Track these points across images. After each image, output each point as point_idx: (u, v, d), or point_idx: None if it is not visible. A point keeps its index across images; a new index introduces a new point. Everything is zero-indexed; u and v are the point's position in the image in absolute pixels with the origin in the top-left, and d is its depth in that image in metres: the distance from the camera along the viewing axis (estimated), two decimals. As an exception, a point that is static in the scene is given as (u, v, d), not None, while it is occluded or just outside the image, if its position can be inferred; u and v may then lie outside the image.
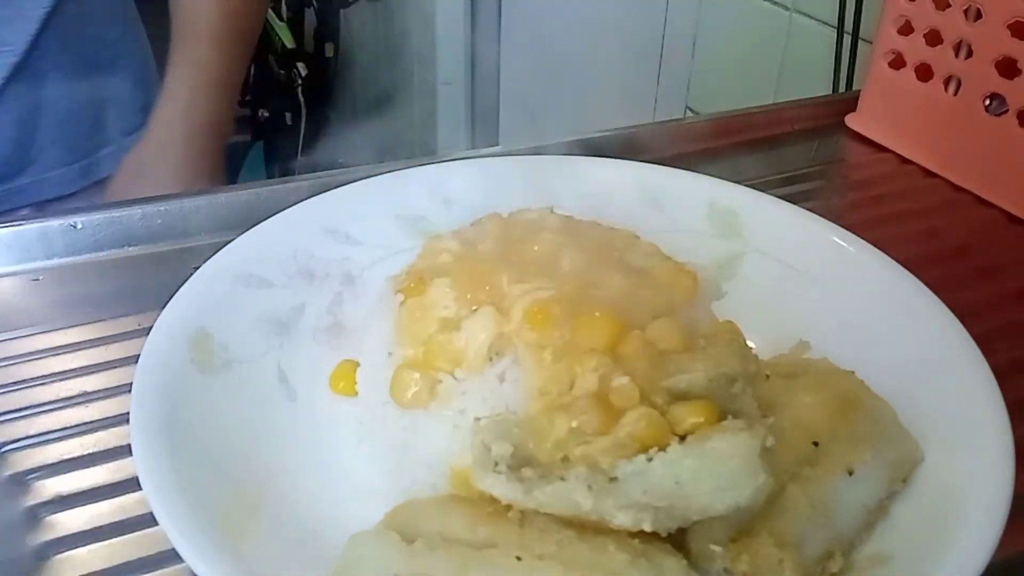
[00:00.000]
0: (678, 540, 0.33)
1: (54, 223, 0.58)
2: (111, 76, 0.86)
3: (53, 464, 0.43)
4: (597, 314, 0.37)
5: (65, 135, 0.82)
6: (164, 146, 0.82)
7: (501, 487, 0.32)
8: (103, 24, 0.85)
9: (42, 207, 0.82)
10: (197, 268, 0.44)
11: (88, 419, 0.45)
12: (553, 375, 0.36)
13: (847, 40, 0.90)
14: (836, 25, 0.91)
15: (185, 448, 0.36)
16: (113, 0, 0.87)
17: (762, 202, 0.51)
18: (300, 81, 1.97)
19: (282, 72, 2.02)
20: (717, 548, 0.33)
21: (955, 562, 0.31)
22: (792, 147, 0.74)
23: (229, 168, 0.92)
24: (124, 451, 0.42)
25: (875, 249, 0.47)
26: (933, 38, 0.69)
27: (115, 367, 0.49)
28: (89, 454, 0.43)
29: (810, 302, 0.47)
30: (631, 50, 1.35)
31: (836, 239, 0.48)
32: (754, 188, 0.52)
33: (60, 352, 0.50)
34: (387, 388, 0.39)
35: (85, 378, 0.48)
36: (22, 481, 0.42)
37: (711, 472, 0.31)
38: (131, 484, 0.41)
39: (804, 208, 0.50)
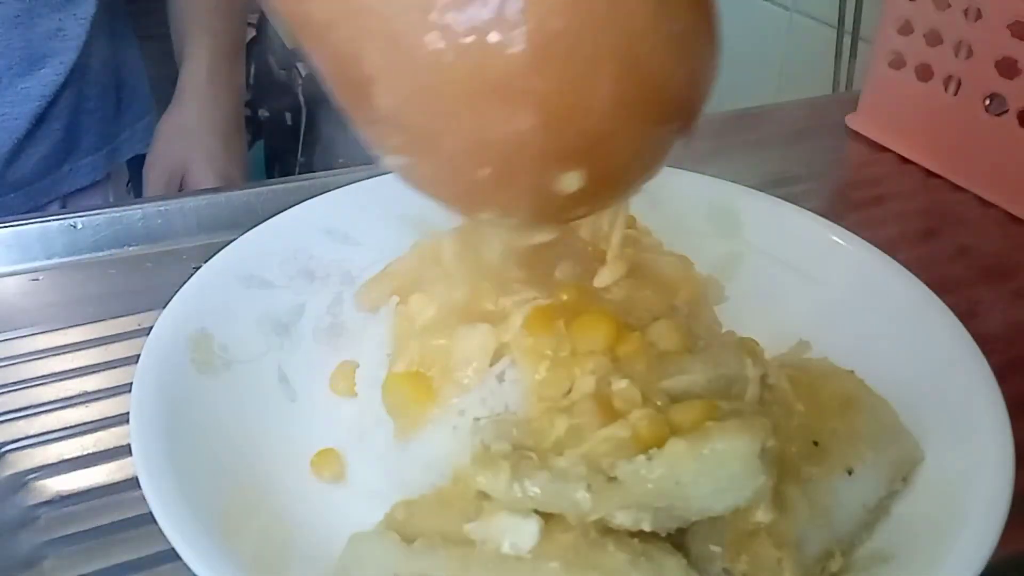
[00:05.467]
0: (678, 540, 0.33)
1: (54, 223, 0.58)
2: (126, 65, 0.90)
3: (53, 464, 0.43)
4: (596, 316, 0.37)
5: (97, 123, 0.87)
6: (199, 105, 0.89)
7: (500, 487, 0.32)
8: (121, 20, 0.90)
9: (72, 198, 0.86)
10: (197, 268, 0.44)
11: (88, 419, 0.45)
12: (552, 378, 0.36)
13: (847, 40, 0.90)
14: (836, 25, 0.91)
15: (185, 448, 0.36)
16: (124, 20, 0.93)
17: (762, 202, 0.51)
18: (300, 81, 1.97)
19: (282, 72, 2.02)
20: (717, 548, 0.33)
21: (955, 562, 0.31)
22: (792, 147, 0.74)
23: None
24: (124, 451, 0.42)
25: (875, 249, 0.47)
26: (933, 38, 0.68)
27: (115, 367, 0.49)
28: (89, 454, 0.44)
29: (810, 302, 0.47)
30: (631, 50, 1.35)
31: (836, 239, 0.48)
32: (754, 188, 0.52)
33: (60, 352, 0.50)
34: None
35: (85, 378, 0.48)
36: (22, 481, 0.42)
37: (711, 473, 0.31)
38: (131, 484, 0.41)
39: (804, 208, 0.50)
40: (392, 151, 0.28)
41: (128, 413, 0.36)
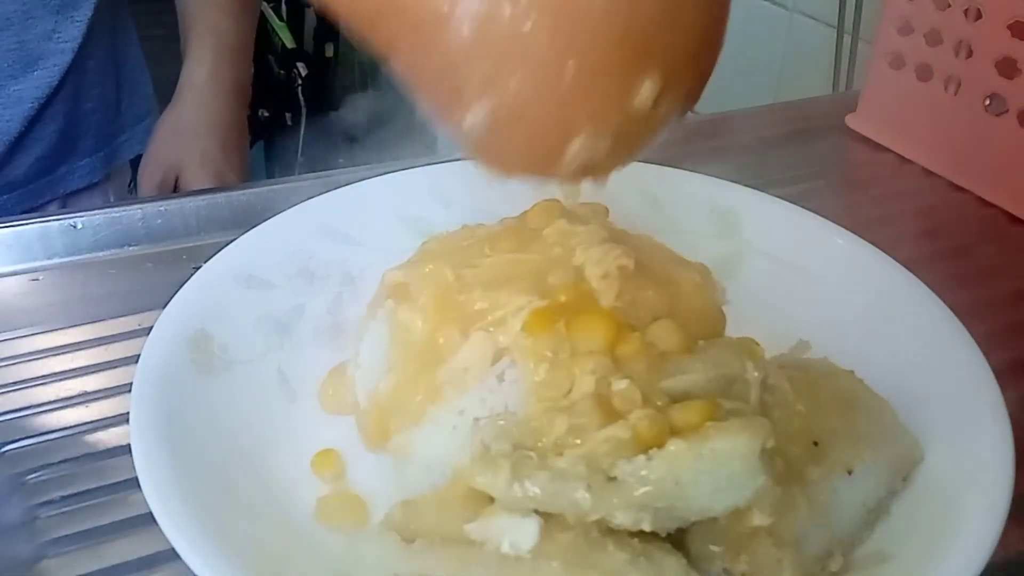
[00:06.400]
0: (678, 540, 0.33)
1: (54, 223, 0.58)
2: (127, 66, 0.90)
3: (53, 464, 0.43)
4: (595, 316, 0.37)
5: (95, 125, 0.86)
6: (198, 105, 0.88)
7: (499, 486, 0.32)
8: (123, 20, 0.90)
9: (72, 198, 0.86)
10: (197, 268, 0.44)
11: (88, 419, 0.45)
12: (552, 379, 0.36)
13: (847, 40, 0.90)
14: (836, 25, 0.91)
15: (185, 448, 0.36)
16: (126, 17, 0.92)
17: (762, 202, 0.51)
18: (300, 81, 1.97)
19: (282, 72, 2.02)
20: (717, 548, 0.33)
21: (955, 562, 0.31)
22: (792, 147, 0.74)
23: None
24: (124, 451, 0.42)
25: (875, 249, 0.47)
26: (933, 38, 0.68)
27: (115, 367, 0.49)
28: (89, 454, 0.44)
29: (810, 302, 0.47)
30: (631, 50, 1.35)
31: (836, 239, 0.48)
32: (754, 188, 0.52)
33: (60, 352, 0.50)
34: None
35: (85, 378, 0.48)
36: (22, 481, 0.42)
37: (711, 473, 0.31)
38: (131, 484, 0.41)
39: (804, 208, 0.50)
40: (480, 87, 0.28)
41: (128, 413, 0.36)
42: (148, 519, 0.32)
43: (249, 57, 0.94)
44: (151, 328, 0.41)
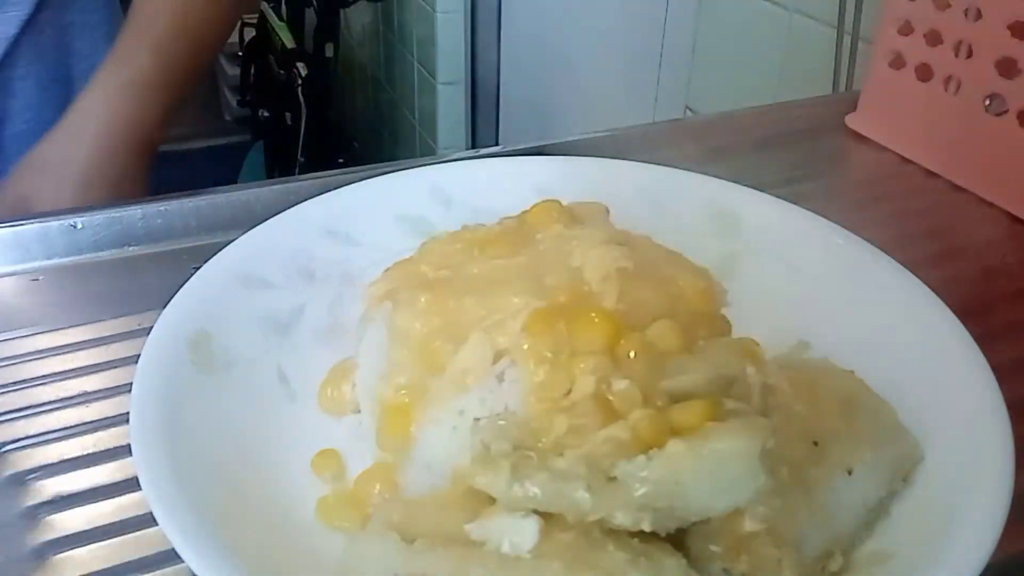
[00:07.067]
0: (678, 540, 0.33)
1: (54, 223, 0.58)
2: (82, 86, 0.81)
3: (53, 464, 0.43)
4: (596, 316, 0.37)
5: (27, 150, 0.78)
6: (72, 139, 0.75)
7: (499, 486, 0.32)
8: (79, 37, 0.84)
9: None
10: (197, 268, 0.44)
11: (88, 419, 0.45)
12: (552, 379, 0.36)
13: (847, 40, 0.90)
14: (836, 25, 0.91)
15: (185, 448, 0.36)
16: (91, 18, 0.85)
17: (762, 202, 0.51)
18: (300, 81, 1.97)
19: (282, 72, 2.02)
20: (717, 548, 0.33)
21: (955, 562, 0.31)
22: (792, 147, 0.74)
23: (229, 168, 0.92)
24: (124, 451, 0.42)
25: (875, 249, 0.47)
26: (933, 38, 0.68)
27: (115, 367, 0.49)
28: (89, 454, 0.44)
29: (810, 302, 0.47)
30: (631, 50, 1.36)
31: (836, 239, 0.48)
32: (754, 188, 0.52)
33: (60, 352, 0.50)
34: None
35: (85, 378, 0.48)
36: (22, 481, 0.42)
37: (711, 473, 0.31)
38: (131, 484, 0.41)
39: (804, 208, 0.50)
40: None
41: (128, 413, 0.36)
42: (148, 519, 0.32)
43: (169, 97, 0.79)
44: (151, 328, 0.41)
